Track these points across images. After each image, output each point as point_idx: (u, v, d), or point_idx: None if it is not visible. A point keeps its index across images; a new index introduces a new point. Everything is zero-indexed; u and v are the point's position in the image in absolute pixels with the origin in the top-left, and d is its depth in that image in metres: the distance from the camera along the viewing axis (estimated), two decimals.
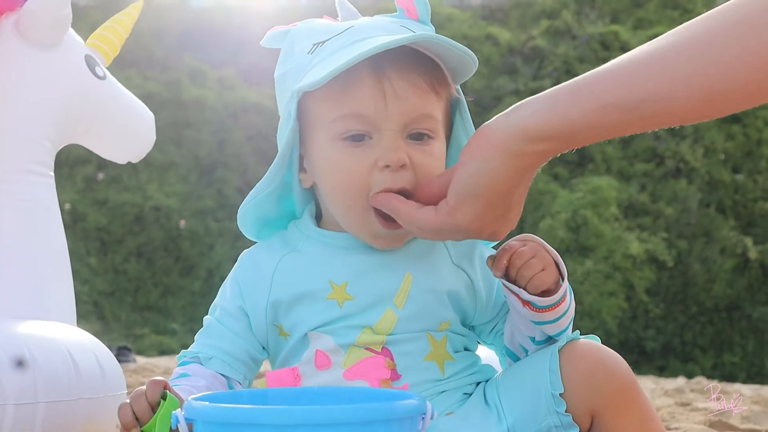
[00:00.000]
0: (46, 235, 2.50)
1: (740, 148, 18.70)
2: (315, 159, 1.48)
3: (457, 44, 1.38)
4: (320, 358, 1.47)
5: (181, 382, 1.44)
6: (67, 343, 2.15)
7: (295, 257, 1.51)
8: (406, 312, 1.46)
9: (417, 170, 1.42)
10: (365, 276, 1.47)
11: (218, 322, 1.53)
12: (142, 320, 16.76)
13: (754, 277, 17.00)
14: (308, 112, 1.46)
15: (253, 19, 21.73)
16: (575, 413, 1.36)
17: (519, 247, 1.39)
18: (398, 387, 1.44)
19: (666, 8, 21.32)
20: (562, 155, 1.37)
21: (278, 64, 1.54)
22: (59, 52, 2.61)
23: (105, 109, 2.71)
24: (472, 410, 1.44)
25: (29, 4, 2.52)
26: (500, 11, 23.02)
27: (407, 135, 1.43)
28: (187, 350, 1.53)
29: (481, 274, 1.52)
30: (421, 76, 1.43)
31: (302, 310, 1.48)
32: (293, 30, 1.53)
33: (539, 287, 1.38)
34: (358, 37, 1.42)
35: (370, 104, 1.40)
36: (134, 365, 5.71)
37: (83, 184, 17.35)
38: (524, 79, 19.11)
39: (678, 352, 16.45)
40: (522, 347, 1.51)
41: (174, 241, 17.59)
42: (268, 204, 1.53)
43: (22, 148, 2.49)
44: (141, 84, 17.28)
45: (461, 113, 1.53)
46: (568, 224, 16.56)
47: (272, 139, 1.54)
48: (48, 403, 2.02)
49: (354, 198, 1.43)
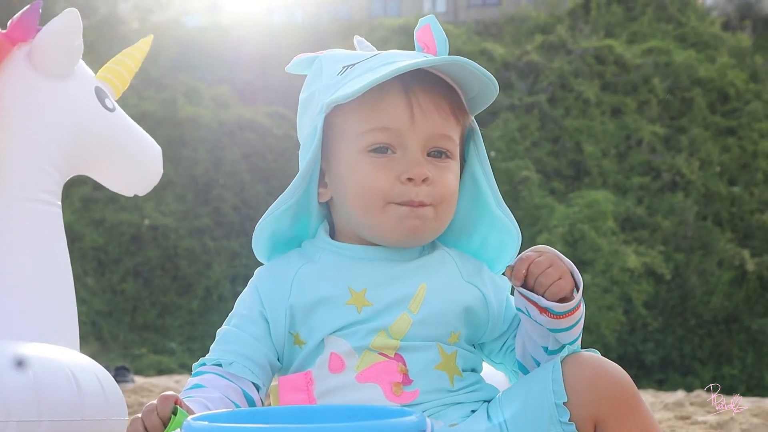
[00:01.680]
0: (52, 262, 2.52)
1: (736, 161, 18.74)
2: (338, 170, 1.55)
3: (482, 68, 1.49)
4: (334, 361, 1.50)
5: (195, 393, 1.45)
6: (70, 364, 2.17)
7: (313, 266, 1.57)
8: (421, 317, 1.51)
9: (436, 186, 1.51)
10: (383, 284, 1.52)
11: (237, 329, 1.56)
12: (140, 340, 16.71)
13: (752, 289, 17.00)
14: (335, 126, 1.55)
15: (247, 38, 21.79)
16: (578, 422, 1.38)
17: (536, 257, 1.45)
18: (409, 392, 1.47)
19: (660, 22, 21.41)
20: (558, 169, 1.39)
21: (304, 87, 1.63)
22: (70, 83, 2.63)
23: (113, 141, 2.73)
24: (474, 424, 1.45)
25: (41, 35, 2.55)
26: (494, 26, 23.11)
27: (427, 152, 1.53)
28: (206, 358, 1.54)
29: (492, 289, 1.58)
30: (444, 99, 1.54)
31: (320, 315, 1.52)
32: (321, 56, 1.62)
33: (557, 294, 1.43)
34: (387, 60, 1.52)
35: (399, 119, 1.51)
36: (132, 385, 5.69)
37: (80, 203, 17.33)
38: (519, 94, 19.15)
39: (677, 365, 16.43)
40: (534, 359, 1.54)
41: (171, 260, 17.56)
42: (285, 220, 1.58)
43: (30, 177, 2.51)
44: (137, 103, 17.28)
45: (476, 143, 1.62)
46: (565, 238, 16.56)
47: (268, 157, 1.57)
48: (51, 422, 2.03)
49: (373, 201, 1.51)
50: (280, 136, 18.58)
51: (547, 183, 18.05)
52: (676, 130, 19.14)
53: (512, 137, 18.28)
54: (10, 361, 2.05)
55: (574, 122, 18.84)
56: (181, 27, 22.98)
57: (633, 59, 19.86)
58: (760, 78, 20.61)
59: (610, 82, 19.68)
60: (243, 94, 20.25)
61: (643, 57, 19.99)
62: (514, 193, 17.48)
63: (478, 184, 1.63)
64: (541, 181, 17.98)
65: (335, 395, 1.47)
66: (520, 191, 17.57)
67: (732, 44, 21.32)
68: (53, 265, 2.51)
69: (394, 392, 1.47)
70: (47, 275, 2.49)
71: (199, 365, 1.54)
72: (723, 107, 19.75)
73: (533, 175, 17.80)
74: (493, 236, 1.63)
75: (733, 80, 19.88)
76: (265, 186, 17.72)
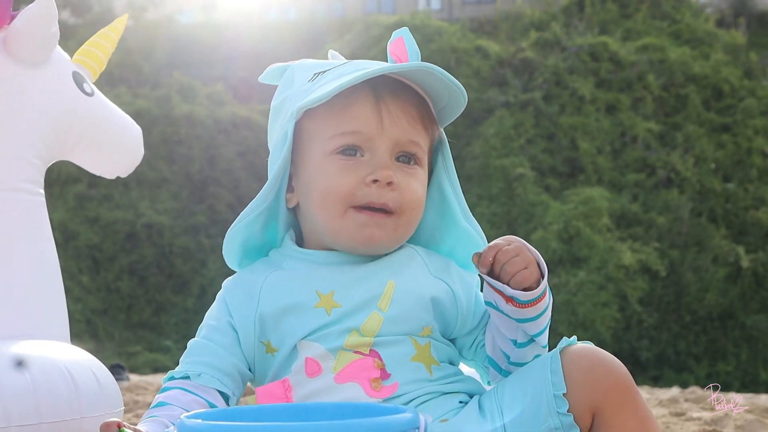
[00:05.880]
0: (37, 253, 2.49)
1: (730, 157, 18.75)
2: (306, 174, 1.57)
3: (450, 76, 1.51)
4: (310, 365, 1.50)
5: (158, 412, 1.45)
6: (66, 362, 2.16)
7: (281, 274, 1.57)
8: (391, 314, 1.52)
9: (402, 192, 1.53)
10: (351, 285, 1.53)
11: (205, 339, 1.56)
12: (135, 338, 16.69)
13: (746, 286, 17.02)
14: (305, 130, 1.57)
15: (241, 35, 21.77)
16: (576, 413, 1.39)
17: (504, 245, 1.46)
18: (388, 386, 1.48)
19: (654, 19, 21.40)
20: (553, 166, 1.40)
21: (276, 94, 1.65)
22: (47, 69, 2.60)
23: (94, 125, 2.70)
24: (467, 417, 1.46)
25: (17, 23, 2.51)
26: (489, 24, 23.09)
27: (396, 157, 1.55)
28: (174, 371, 1.54)
29: (460, 285, 1.59)
30: (414, 107, 1.56)
31: (290, 321, 1.52)
32: (293, 65, 1.66)
33: (522, 283, 1.44)
34: (358, 67, 1.55)
35: (368, 122, 1.53)
36: (128, 383, 5.67)
37: (74, 201, 17.30)
38: (514, 91, 19.13)
39: (672, 362, 16.44)
40: (504, 354, 1.55)
41: (166, 258, 17.54)
42: (255, 226, 1.60)
43: (11, 167, 2.47)
44: (131, 101, 17.25)
45: (443, 155, 1.65)
46: (560, 235, 16.57)
47: (263, 154, 1.59)
48: (50, 423, 2.03)
49: (336, 204, 1.52)
50: None
51: (542, 180, 18.04)
52: (670, 126, 19.15)
53: (507, 134, 18.27)
54: (8, 362, 2.03)
55: (569, 119, 18.83)
56: (176, 24, 22.94)
57: (627, 56, 19.86)
58: (754, 75, 20.62)
59: (604, 79, 19.67)
60: (238, 91, 20.23)
61: (638, 54, 19.99)
62: (509, 190, 17.49)
63: (445, 196, 1.64)
64: (536, 178, 17.97)
65: (315, 399, 1.48)
66: (515, 188, 17.56)
67: (726, 41, 21.32)
68: (39, 255, 2.48)
69: (374, 388, 1.48)
70: (34, 265, 2.46)
71: (167, 379, 1.54)
72: (717, 104, 19.76)
73: (528, 172, 17.80)
74: (460, 248, 1.65)
75: (727, 77, 19.88)
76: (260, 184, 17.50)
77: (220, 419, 1.15)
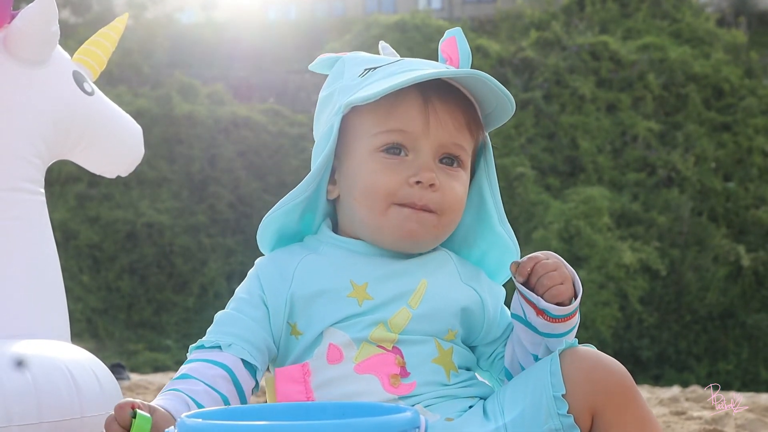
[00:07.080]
0: (37, 253, 2.48)
1: (731, 156, 18.77)
2: (349, 168, 1.58)
3: (500, 85, 1.52)
4: (332, 352, 1.51)
5: (180, 385, 1.45)
6: (67, 361, 2.15)
7: (316, 258, 1.59)
8: (420, 312, 1.53)
9: (444, 193, 1.54)
10: (385, 279, 1.55)
11: (236, 311, 1.57)
12: (136, 337, 16.70)
13: (747, 285, 17.03)
14: (351, 126, 1.58)
15: (242, 35, 21.78)
16: (576, 414, 1.39)
17: (543, 258, 1.49)
18: (406, 384, 1.49)
19: (655, 18, 21.41)
20: (553, 166, 1.41)
21: (325, 86, 1.66)
22: (48, 69, 2.59)
23: (94, 124, 2.69)
24: (471, 418, 1.46)
25: (17, 22, 2.50)
26: (490, 23, 23.11)
27: (439, 159, 1.56)
28: (204, 339, 1.54)
29: (488, 294, 1.61)
30: (461, 111, 1.57)
31: (321, 306, 1.53)
32: (344, 57, 1.67)
33: (556, 297, 1.47)
34: (409, 67, 1.56)
35: (414, 123, 1.54)
36: (128, 382, 5.68)
37: (75, 201, 17.31)
38: (515, 90, 19.13)
39: (673, 361, 16.45)
40: (522, 367, 1.56)
41: (167, 257, 17.55)
42: (293, 215, 1.61)
43: (11, 166, 2.47)
44: (131, 101, 17.26)
45: (486, 159, 1.67)
46: (560, 234, 16.58)
47: (263, 154, 1.58)
48: (51, 423, 2.02)
49: (379, 201, 1.53)
50: (275, 133, 18.58)
51: (542, 179, 18.05)
52: (671, 126, 19.16)
53: (507, 134, 18.28)
54: (8, 362, 2.04)
55: (570, 118, 18.85)
56: (176, 24, 22.96)
57: (628, 55, 19.87)
58: (754, 74, 20.64)
59: (605, 78, 19.69)
60: (238, 91, 20.24)
61: (638, 53, 20.00)
62: (510, 189, 17.49)
63: (484, 199, 1.66)
64: (537, 177, 17.98)
65: (333, 386, 1.48)
66: (516, 188, 17.57)
67: (727, 40, 21.34)
68: (39, 254, 2.48)
69: (392, 384, 1.48)
70: (34, 265, 2.46)
71: (196, 348, 1.54)
72: (718, 103, 19.78)
73: (529, 172, 17.81)
74: (493, 253, 1.66)
75: (728, 76, 19.90)
76: (261, 183, 17.71)
77: (220, 419, 1.15)
